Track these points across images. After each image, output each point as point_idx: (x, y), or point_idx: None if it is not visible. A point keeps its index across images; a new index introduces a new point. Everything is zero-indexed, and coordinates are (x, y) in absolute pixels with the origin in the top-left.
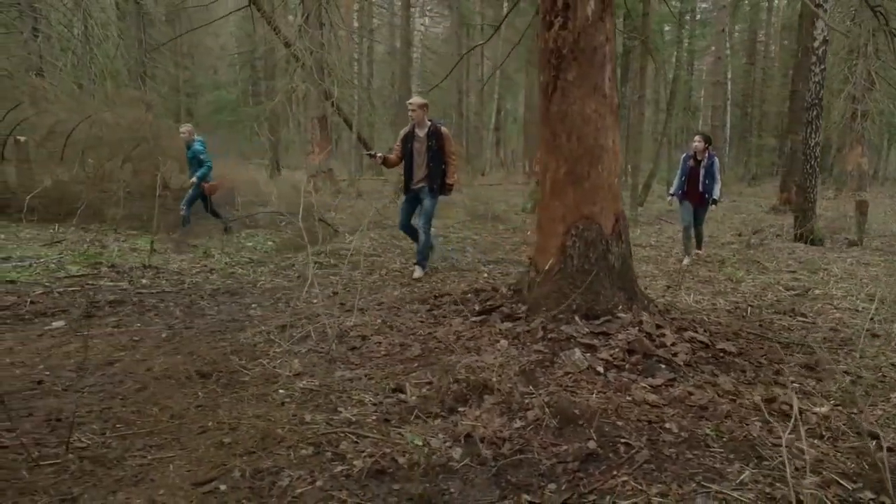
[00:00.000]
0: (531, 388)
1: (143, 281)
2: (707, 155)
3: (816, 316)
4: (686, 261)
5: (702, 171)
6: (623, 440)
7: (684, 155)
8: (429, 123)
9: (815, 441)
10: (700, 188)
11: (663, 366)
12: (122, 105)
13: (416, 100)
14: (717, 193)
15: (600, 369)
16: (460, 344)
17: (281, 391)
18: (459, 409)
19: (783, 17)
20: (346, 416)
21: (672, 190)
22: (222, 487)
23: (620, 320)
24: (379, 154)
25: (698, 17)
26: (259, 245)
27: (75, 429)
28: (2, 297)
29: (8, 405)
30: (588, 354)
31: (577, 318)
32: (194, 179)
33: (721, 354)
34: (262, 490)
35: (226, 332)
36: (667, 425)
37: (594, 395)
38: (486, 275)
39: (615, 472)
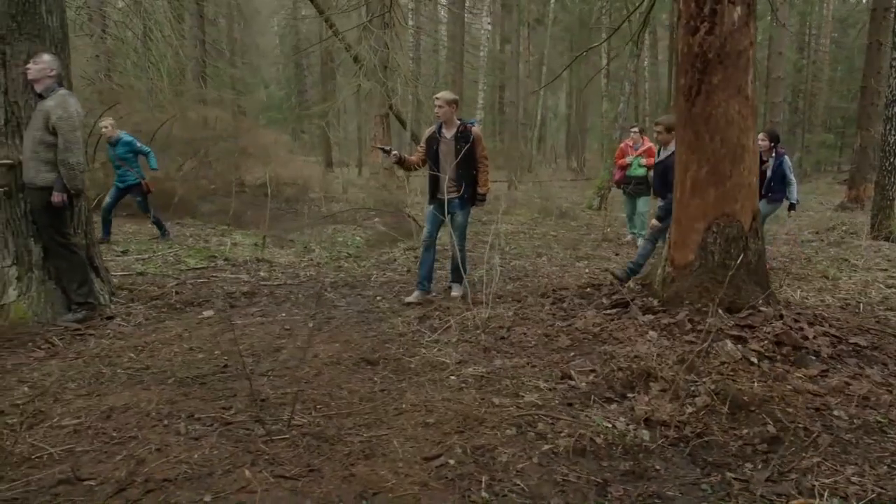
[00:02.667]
0: (693, 376)
1: (261, 273)
2: (774, 154)
3: None
4: None
5: (768, 173)
6: (800, 425)
7: None
8: (458, 123)
9: None
10: (767, 191)
11: (813, 357)
12: (195, 103)
13: (444, 94)
14: (794, 196)
15: (754, 360)
16: (607, 334)
17: (452, 377)
18: (629, 394)
19: (834, 10)
20: (531, 400)
21: None
22: (451, 462)
23: (763, 314)
24: (394, 152)
25: None
26: (349, 240)
27: (287, 409)
28: (146, 287)
29: (212, 386)
30: (739, 346)
31: (720, 311)
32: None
33: (858, 348)
34: (487, 465)
35: (368, 322)
36: (835, 413)
37: (755, 384)
38: (586, 271)
39: (804, 454)
